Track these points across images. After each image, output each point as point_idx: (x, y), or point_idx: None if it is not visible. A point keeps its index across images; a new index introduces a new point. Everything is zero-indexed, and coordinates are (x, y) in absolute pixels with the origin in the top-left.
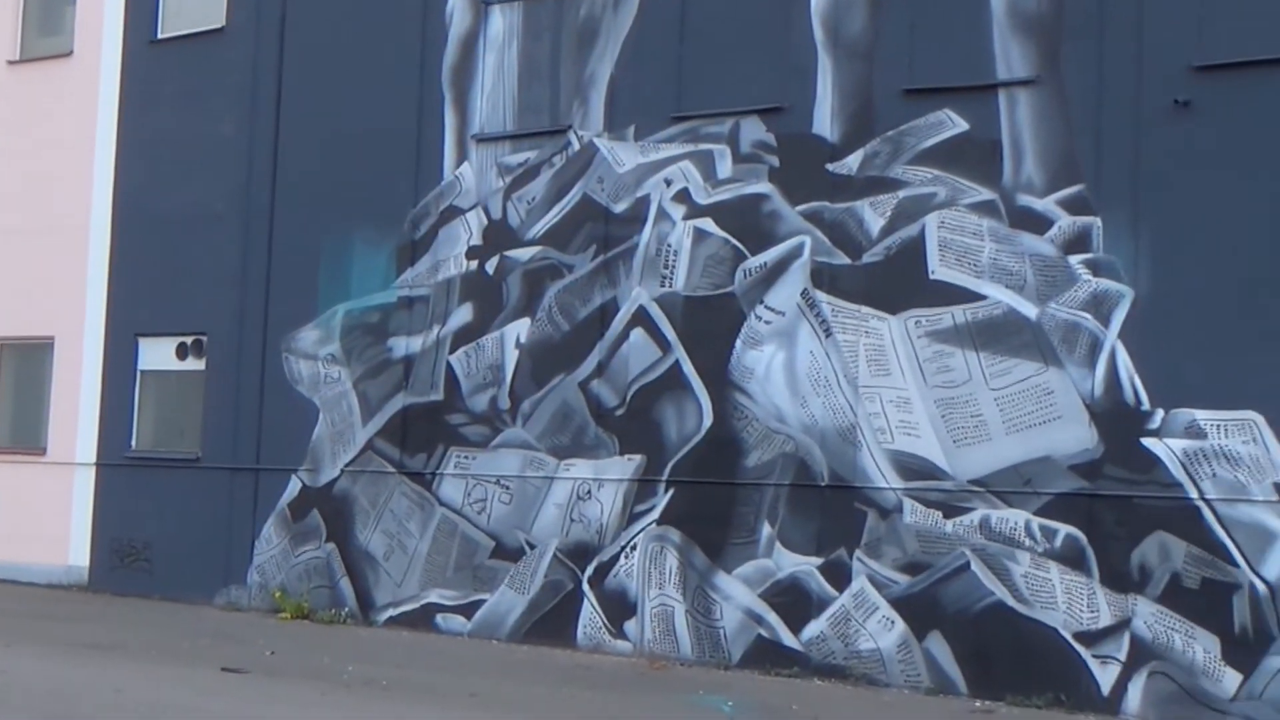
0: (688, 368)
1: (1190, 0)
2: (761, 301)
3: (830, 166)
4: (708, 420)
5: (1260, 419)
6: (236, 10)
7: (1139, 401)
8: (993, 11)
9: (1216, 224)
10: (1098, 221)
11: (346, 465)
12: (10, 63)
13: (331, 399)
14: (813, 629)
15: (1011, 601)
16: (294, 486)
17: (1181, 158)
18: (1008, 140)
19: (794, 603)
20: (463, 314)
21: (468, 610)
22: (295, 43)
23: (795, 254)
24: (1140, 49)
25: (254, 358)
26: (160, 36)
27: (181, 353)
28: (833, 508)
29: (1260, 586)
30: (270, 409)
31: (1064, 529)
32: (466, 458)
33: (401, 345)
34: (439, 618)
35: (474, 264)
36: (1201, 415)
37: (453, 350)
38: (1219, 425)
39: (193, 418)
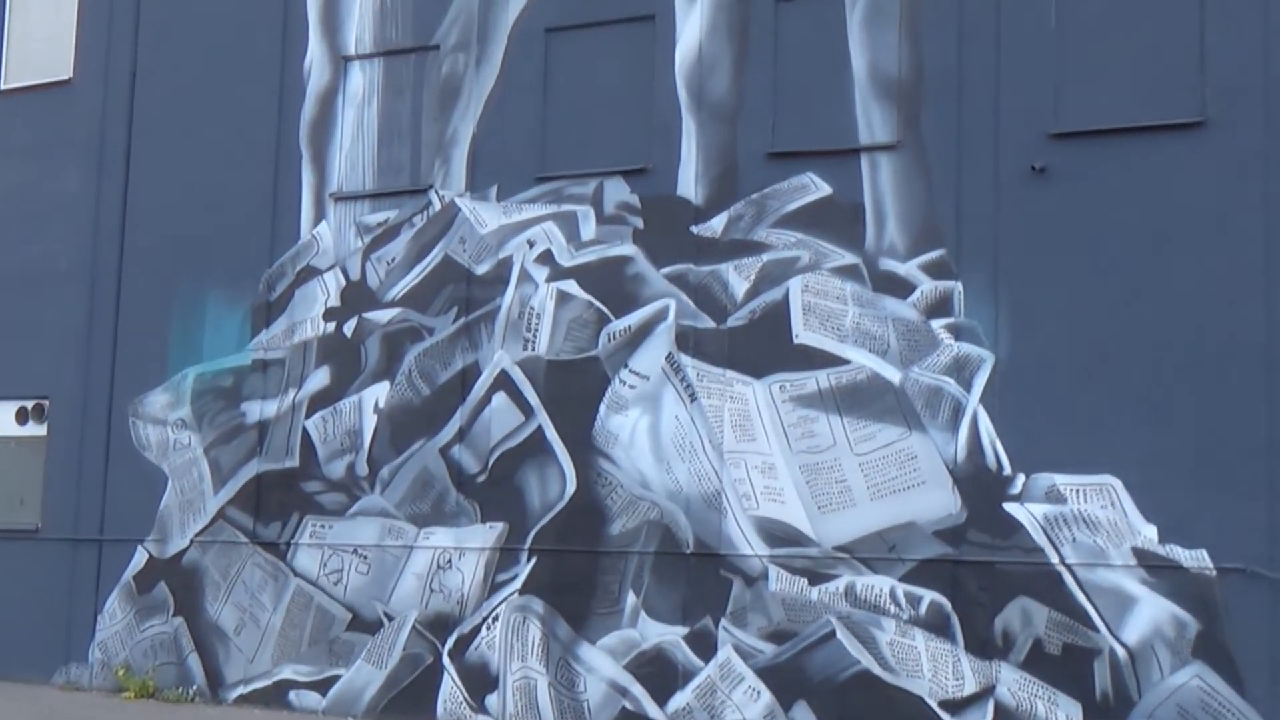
0: (551, 433)
1: (1046, 69)
2: (626, 365)
3: (695, 228)
4: (571, 487)
5: (1118, 483)
6: (84, 61)
7: (1001, 466)
8: (855, 76)
9: (1073, 289)
10: (959, 286)
11: (196, 535)
12: None
13: (181, 466)
14: (678, 700)
15: (878, 670)
16: (140, 558)
17: (1039, 223)
18: (870, 204)
19: (659, 673)
20: (319, 377)
21: (323, 686)
22: (146, 95)
23: (660, 317)
24: (998, 116)
25: (99, 423)
26: (4, 88)
27: (21, 417)
28: (698, 576)
29: (1120, 651)
30: (115, 476)
31: (928, 595)
32: (323, 526)
33: (255, 409)
34: (292, 694)
35: (331, 326)
36: (1061, 480)
37: (309, 415)
38: (1078, 490)
39: (32, 486)
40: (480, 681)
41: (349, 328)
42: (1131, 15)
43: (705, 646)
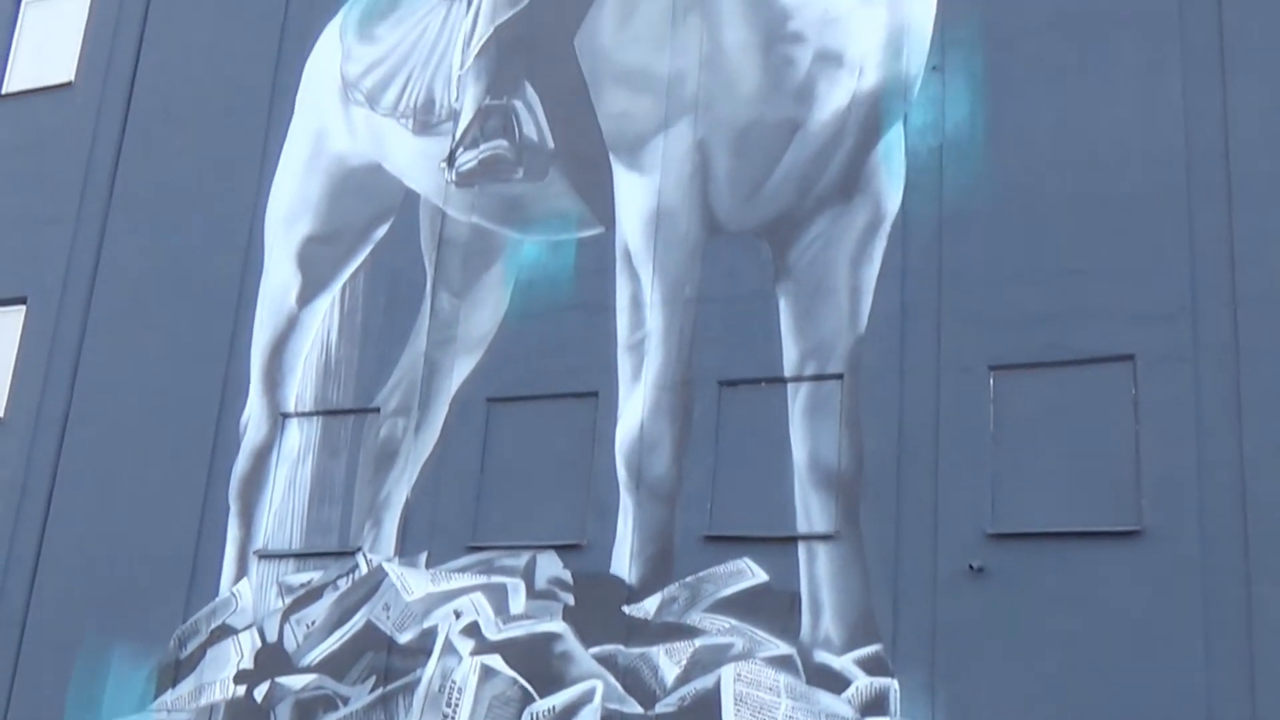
0: None
1: (984, 469)
2: None
3: (627, 609)
4: None
5: None
6: (16, 401)
7: None
8: (795, 464)
9: (1011, 691)
10: (895, 683)
11: None
12: None
13: None
14: None
15: None
16: None
17: (977, 623)
18: (807, 594)
19: None
20: None
21: None
22: (76, 436)
23: (585, 699)
24: (937, 512)
25: None
26: None
27: None
28: None
29: None
30: None
31: None
32: None
33: None
34: None
35: (242, 689)
36: None
37: None
38: None
39: None
40: None
41: (260, 692)
42: (1068, 420)
43: None
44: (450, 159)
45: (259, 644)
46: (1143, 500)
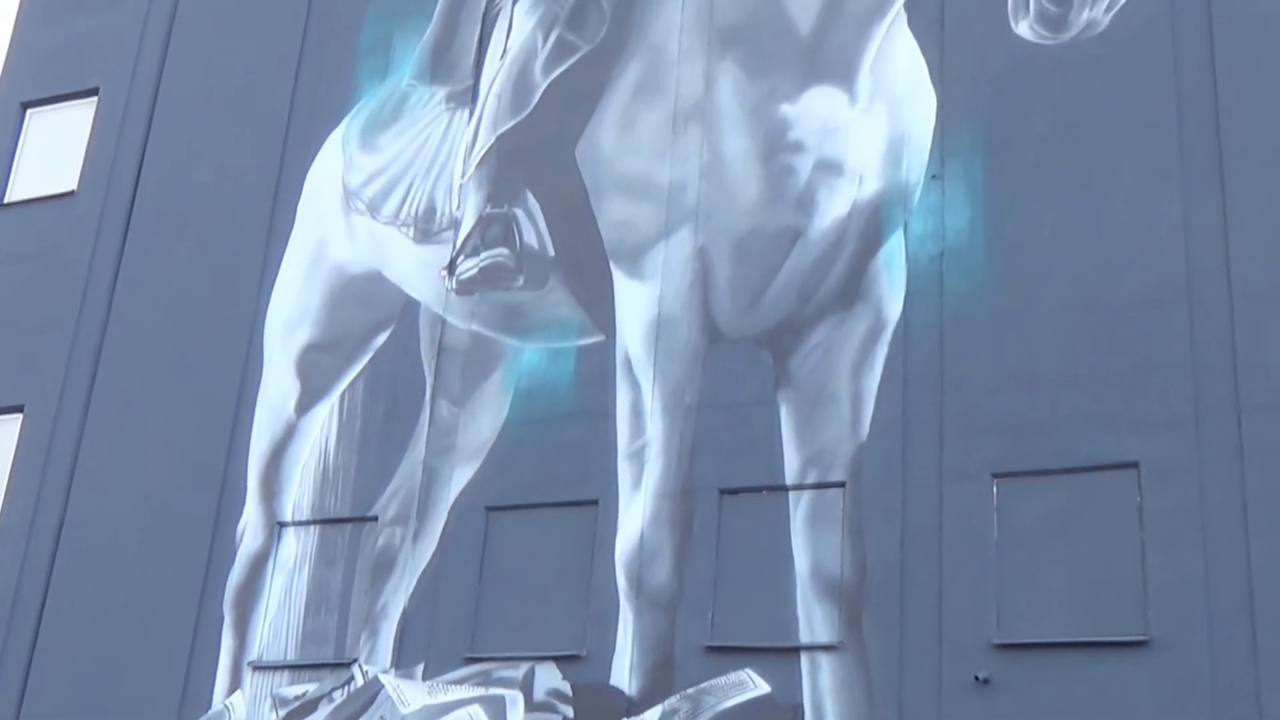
0: None
1: (989, 577)
2: None
3: None
4: None
5: None
6: (11, 508)
7: None
8: (797, 573)
9: None
10: None
11: None
12: None
13: None
14: None
15: None
16: None
17: None
18: (810, 706)
19: None
20: None
21: None
22: (70, 544)
23: None
24: (941, 622)
25: None
26: None
27: None
28: None
29: None
30: None
31: None
32: None
33: None
34: None
35: None
36: None
37: None
38: None
39: None
40: None
41: None
42: (1073, 529)
43: None
44: (451, 267)
45: None
46: (1149, 609)
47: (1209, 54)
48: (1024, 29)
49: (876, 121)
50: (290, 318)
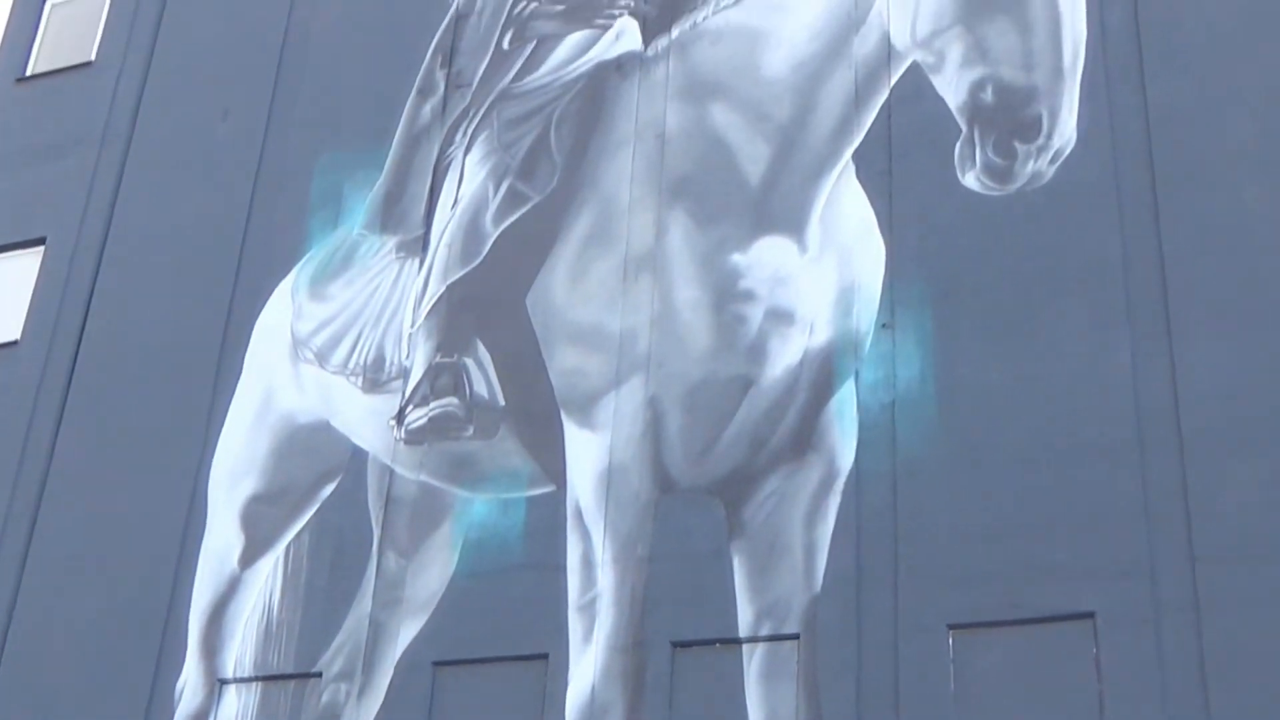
0: None
1: None
2: None
3: None
4: None
5: None
6: None
7: None
8: None
9: None
10: None
11: None
12: None
13: None
14: None
15: None
16: None
17: None
18: None
19: None
20: None
21: None
22: (8, 708)
23: None
24: None
25: None
26: None
27: None
28: None
29: None
30: None
31: None
32: None
33: None
34: None
35: None
36: None
37: None
38: None
39: None
40: None
41: None
42: (1030, 680)
43: None
44: (400, 416)
45: None
46: None
47: (1153, 204)
48: (971, 180)
49: (826, 271)
50: (235, 468)
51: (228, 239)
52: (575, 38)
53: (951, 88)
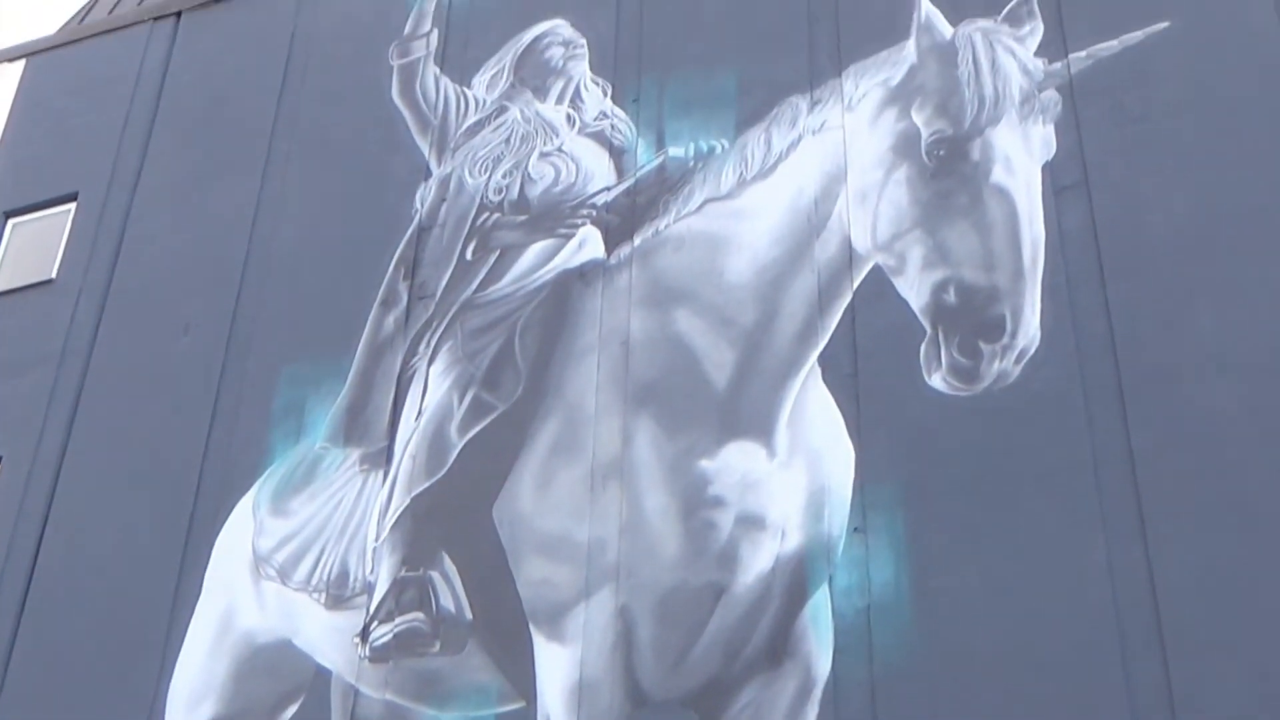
0: None
1: None
2: None
3: None
4: None
5: None
6: None
7: None
8: None
9: None
10: None
11: None
12: None
13: None
14: None
15: None
16: None
17: None
18: None
19: None
20: None
21: None
22: None
23: None
24: None
25: None
26: None
27: None
28: None
29: None
30: None
31: None
32: None
33: None
34: None
35: None
36: None
37: None
38: None
39: None
40: None
41: None
42: None
43: None
44: (364, 634)
45: None
46: None
47: (1119, 400)
48: (937, 381)
49: (796, 475)
50: (194, 692)
51: (187, 455)
52: (538, 247)
53: (914, 290)
